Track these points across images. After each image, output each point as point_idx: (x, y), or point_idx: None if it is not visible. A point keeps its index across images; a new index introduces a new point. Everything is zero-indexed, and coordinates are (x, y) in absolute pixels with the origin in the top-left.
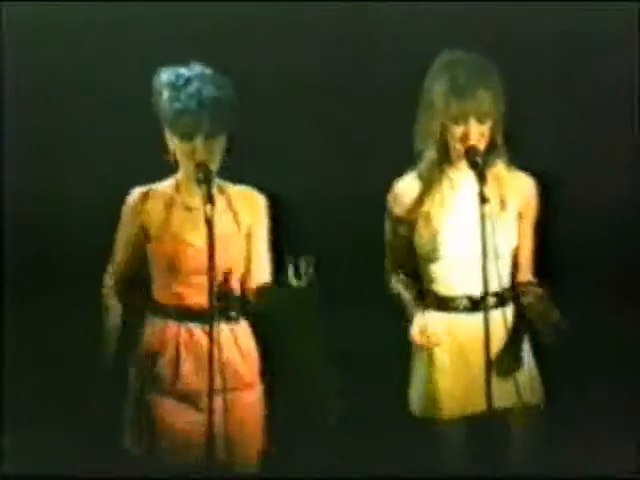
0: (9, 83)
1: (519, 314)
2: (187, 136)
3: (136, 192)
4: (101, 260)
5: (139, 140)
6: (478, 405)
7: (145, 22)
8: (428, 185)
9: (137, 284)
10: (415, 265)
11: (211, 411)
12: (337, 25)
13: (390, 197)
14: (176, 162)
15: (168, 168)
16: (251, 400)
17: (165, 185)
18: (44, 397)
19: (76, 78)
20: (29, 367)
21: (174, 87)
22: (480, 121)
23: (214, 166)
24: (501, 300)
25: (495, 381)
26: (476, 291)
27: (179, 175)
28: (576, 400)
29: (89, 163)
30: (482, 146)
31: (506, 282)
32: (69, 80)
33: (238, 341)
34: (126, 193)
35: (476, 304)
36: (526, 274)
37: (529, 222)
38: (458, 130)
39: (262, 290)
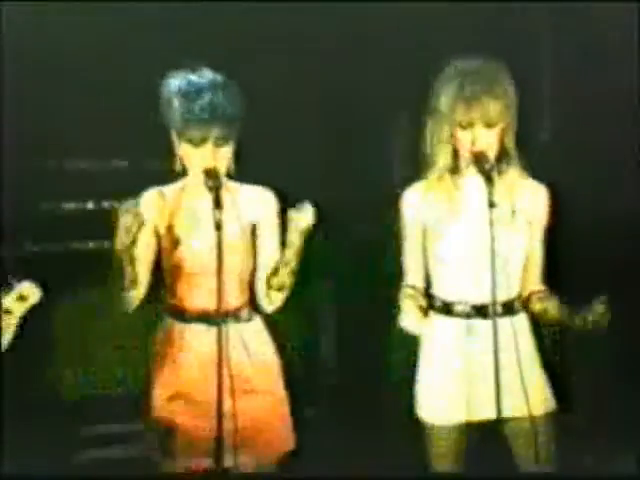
0: (9, 83)
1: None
2: (196, 143)
3: (148, 193)
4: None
5: (141, 143)
6: (486, 413)
7: (147, 23)
8: (437, 192)
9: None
10: (426, 270)
11: (220, 415)
12: (338, 29)
13: (401, 204)
14: (183, 167)
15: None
16: (266, 402)
17: (173, 188)
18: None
19: (76, 79)
20: (30, 366)
21: (186, 96)
22: (487, 126)
23: (222, 171)
24: (510, 308)
25: (504, 390)
26: (483, 297)
27: (187, 179)
28: (578, 402)
29: (89, 164)
30: (491, 152)
31: (515, 290)
32: (69, 80)
33: (247, 342)
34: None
35: (482, 310)
36: (536, 283)
37: (539, 230)
38: (465, 135)
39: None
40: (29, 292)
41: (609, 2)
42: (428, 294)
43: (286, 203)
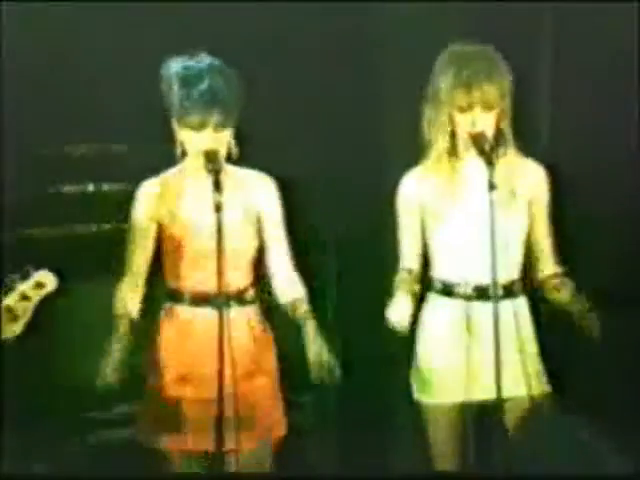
0: (9, 82)
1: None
2: (196, 128)
3: (146, 183)
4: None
5: (143, 136)
6: (486, 393)
7: (147, 10)
8: (436, 176)
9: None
10: (425, 254)
11: (221, 396)
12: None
13: (399, 188)
14: (183, 151)
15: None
16: (264, 384)
17: (172, 172)
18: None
19: (76, 77)
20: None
21: (185, 82)
22: (486, 109)
23: (222, 154)
24: (510, 290)
25: (505, 370)
26: (483, 279)
27: (186, 162)
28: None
29: (90, 165)
30: (489, 134)
31: (516, 272)
32: (69, 66)
33: (250, 325)
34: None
35: (482, 292)
36: (550, 264)
37: (542, 210)
38: (464, 118)
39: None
40: (46, 280)
41: (609, 2)
42: (427, 276)
43: (286, 189)
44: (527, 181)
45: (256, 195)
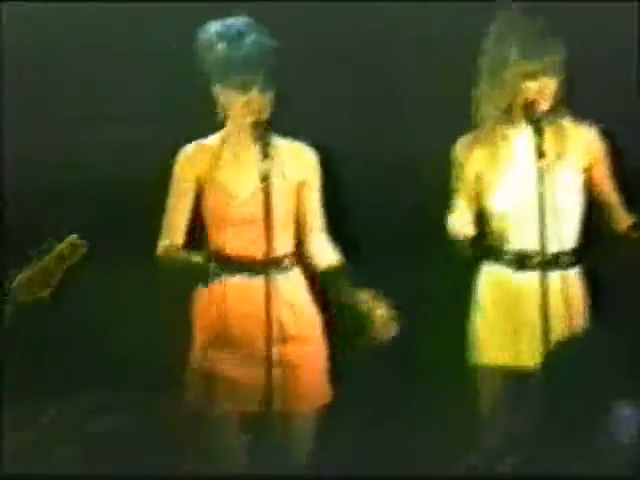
0: (9, 81)
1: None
2: (243, 87)
3: (188, 146)
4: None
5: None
6: (532, 361)
7: (146, 20)
8: (488, 144)
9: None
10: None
11: (270, 362)
12: None
13: (452, 156)
14: (224, 117)
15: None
16: (305, 352)
17: (212, 139)
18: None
19: (76, 76)
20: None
21: (229, 38)
22: (554, 75)
23: (265, 118)
24: (561, 260)
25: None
26: (532, 247)
27: (227, 129)
28: None
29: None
30: (550, 102)
31: (569, 243)
32: (69, 79)
33: (287, 291)
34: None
35: (531, 260)
36: (625, 217)
37: (602, 169)
38: (531, 86)
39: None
40: (79, 243)
41: (609, 2)
42: (479, 243)
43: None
44: (580, 146)
45: (298, 166)
